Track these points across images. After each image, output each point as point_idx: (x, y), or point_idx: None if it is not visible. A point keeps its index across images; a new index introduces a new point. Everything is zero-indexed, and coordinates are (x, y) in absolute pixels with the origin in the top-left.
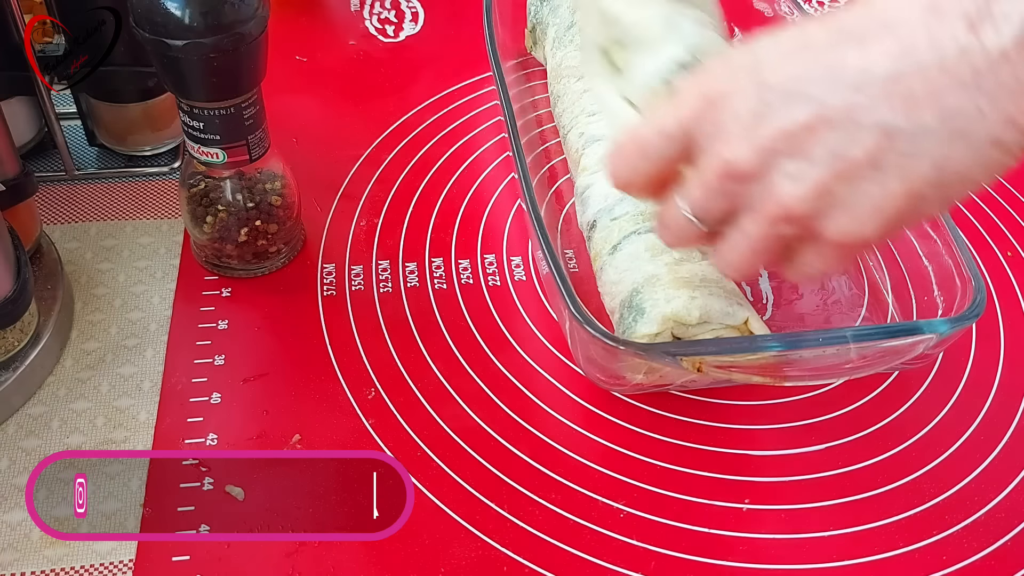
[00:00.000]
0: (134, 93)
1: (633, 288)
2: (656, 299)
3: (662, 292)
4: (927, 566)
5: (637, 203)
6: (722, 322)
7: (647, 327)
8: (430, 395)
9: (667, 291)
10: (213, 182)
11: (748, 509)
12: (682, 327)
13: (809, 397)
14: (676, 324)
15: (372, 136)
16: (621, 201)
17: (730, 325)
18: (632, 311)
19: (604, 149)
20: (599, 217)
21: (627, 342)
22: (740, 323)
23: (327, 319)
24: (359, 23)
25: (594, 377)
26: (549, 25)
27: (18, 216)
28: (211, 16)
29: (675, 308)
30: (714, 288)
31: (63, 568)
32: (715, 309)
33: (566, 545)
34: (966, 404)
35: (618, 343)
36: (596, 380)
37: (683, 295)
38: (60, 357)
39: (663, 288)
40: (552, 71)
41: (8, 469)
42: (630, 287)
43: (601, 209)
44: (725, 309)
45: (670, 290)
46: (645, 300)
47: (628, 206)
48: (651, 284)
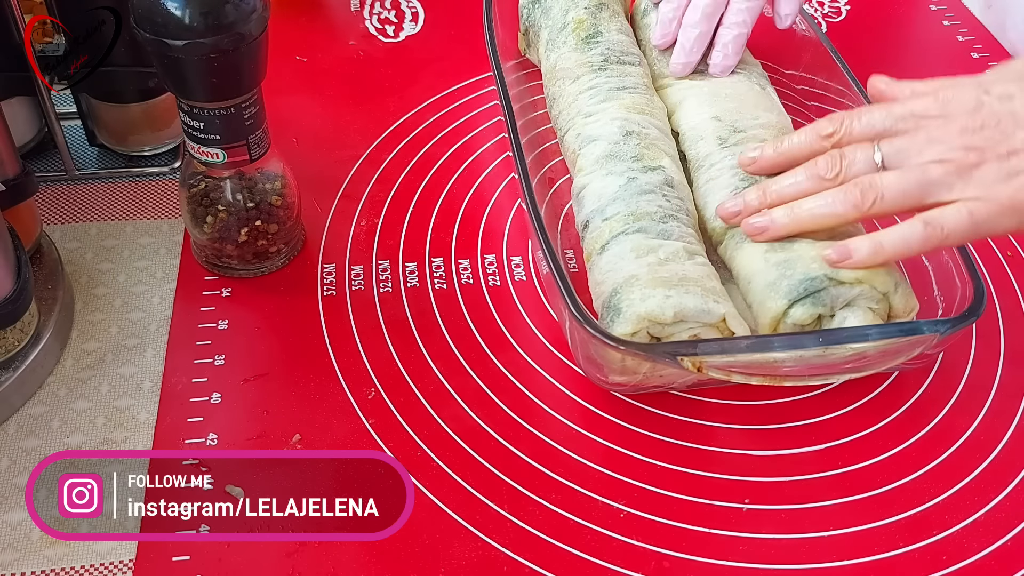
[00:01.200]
0: (134, 93)
1: (613, 288)
2: (632, 298)
3: (638, 291)
4: (927, 566)
5: (628, 203)
6: (698, 320)
7: (623, 327)
8: (430, 395)
9: (643, 290)
10: (213, 182)
11: (748, 509)
12: (658, 326)
13: (809, 397)
14: (651, 323)
15: (372, 136)
16: (614, 201)
17: (707, 323)
18: (610, 311)
19: (600, 149)
20: (592, 217)
21: (627, 342)
22: (718, 320)
23: (327, 319)
24: (359, 23)
25: (594, 377)
26: (542, 27)
27: (18, 216)
28: (211, 16)
29: (649, 307)
30: (691, 287)
31: (63, 568)
32: (690, 307)
33: (566, 545)
34: (966, 404)
35: (618, 343)
36: (596, 380)
37: (658, 294)
38: (60, 357)
39: (640, 287)
40: (547, 73)
41: (8, 469)
42: (611, 287)
43: (594, 209)
44: (701, 307)
45: (646, 289)
46: (622, 300)
47: (620, 206)
48: (629, 284)
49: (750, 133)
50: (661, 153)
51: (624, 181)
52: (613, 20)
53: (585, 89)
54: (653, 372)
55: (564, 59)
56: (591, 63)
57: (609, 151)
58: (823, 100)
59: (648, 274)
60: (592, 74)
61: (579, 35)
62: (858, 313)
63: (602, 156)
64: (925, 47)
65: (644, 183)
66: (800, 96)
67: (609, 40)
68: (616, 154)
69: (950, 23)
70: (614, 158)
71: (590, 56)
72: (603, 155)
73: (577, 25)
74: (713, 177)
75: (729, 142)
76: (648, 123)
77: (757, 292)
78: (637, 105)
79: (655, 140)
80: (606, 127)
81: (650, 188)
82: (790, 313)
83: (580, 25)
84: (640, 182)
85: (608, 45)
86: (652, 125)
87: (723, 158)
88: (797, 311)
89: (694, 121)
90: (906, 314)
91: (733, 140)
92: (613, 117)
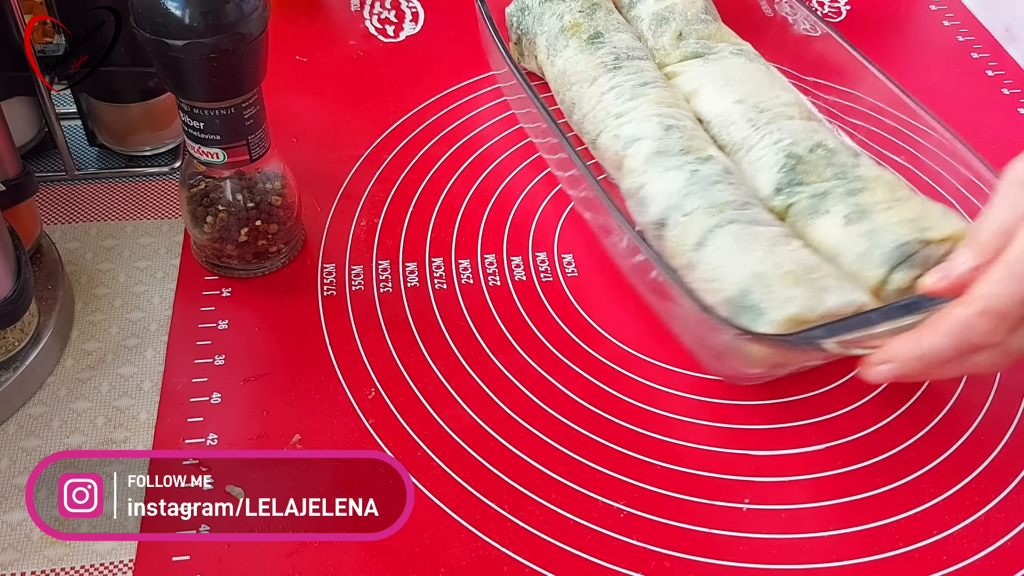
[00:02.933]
0: (134, 93)
1: (740, 289)
2: (773, 299)
3: (781, 292)
4: (927, 566)
5: (704, 196)
6: (842, 313)
7: (769, 329)
8: (430, 395)
9: (784, 291)
10: (213, 182)
11: (748, 509)
12: (802, 324)
13: (809, 397)
14: (797, 323)
15: (372, 136)
16: (687, 196)
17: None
18: (747, 311)
19: (647, 147)
20: (668, 215)
21: (780, 335)
22: (858, 308)
23: (327, 319)
24: (359, 23)
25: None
26: (537, 34)
27: (18, 216)
28: (211, 16)
29: (797, 309)
30: (823, 279)
31: (63, 568)
32: (834, 304)
33: (566, 545)
34: (966, 404)
35: (775, 339)
36: (725, 375)
37: (800, 294)
38: (60, 357)
39: (778, 288)
40: (556, 79)
41: (8, 469)
42: (735, 286)
43: (668, 207)
44: (844, 300)
45: (785, 290)
46: (761, 300)
47: (697, 200)
48: (761, 283)
49: (776, 111)
50: (704, 143)
51: (687, 175)
52: (610, 18)
53: (607, 90)
54: (791, 359)
55: (573, 62)
56: (604, 63)
57: (657, 148)
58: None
59: (773, 270)
60: (609, 74)
61: (580, 37)
62: None
63: (651, 154)
64: (925, 47)
65: (708, 174)
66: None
67: (613, 39)
68: (664, 150)
69: (950, 23)
70: (664, 154)
71: (601, 57)
72: (652, 152)
73: (575, 27)
74: (758, 158)
75: (759, 122)
76: (681, 115)
77: (848, 263)
78: (664, 99)
79: (694, 131)
80: (644, 125)
81: (716, 178)
82: (891, 279)
83: (578, 28)
84: (703, 173)
85: (614, 43)
86: (685, 117)
87: (761, 138)
88: (897, 276)
89: (718, 107)
90: None
91: (763, 120)
92: (648, 114)
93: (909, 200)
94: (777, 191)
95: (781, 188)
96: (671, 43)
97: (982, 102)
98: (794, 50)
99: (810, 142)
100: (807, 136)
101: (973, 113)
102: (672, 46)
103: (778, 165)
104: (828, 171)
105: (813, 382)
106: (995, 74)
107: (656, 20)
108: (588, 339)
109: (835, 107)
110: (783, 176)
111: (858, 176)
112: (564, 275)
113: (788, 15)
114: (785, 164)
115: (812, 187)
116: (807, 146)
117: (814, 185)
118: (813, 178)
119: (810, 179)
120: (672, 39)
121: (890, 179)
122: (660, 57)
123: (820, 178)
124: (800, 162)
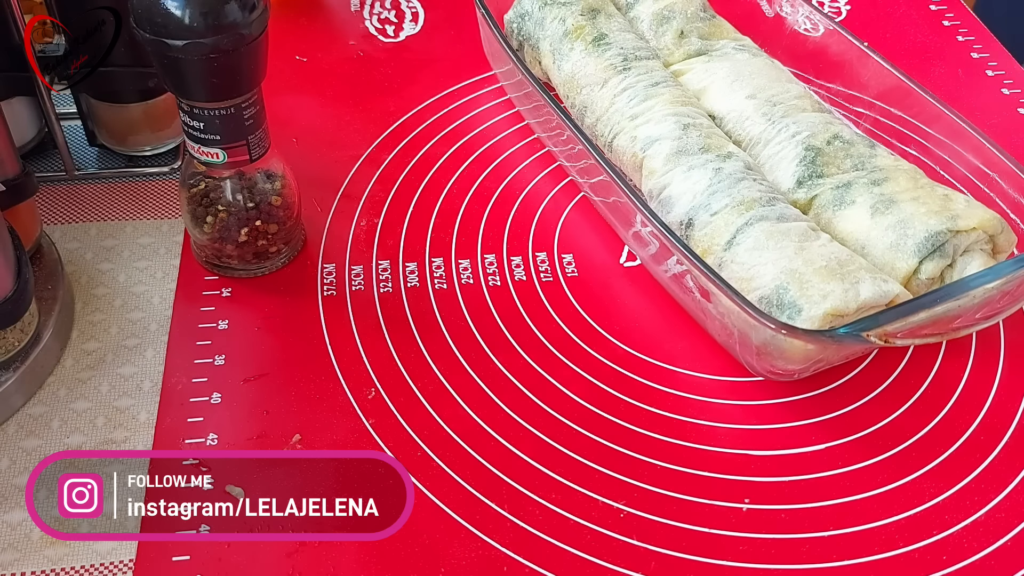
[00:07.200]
0: (134, 93)
1: (776, 285)
2: (811, 296)
3: (817, 288)
4: (927, 566)
5: (730, 194)
6: (877, 305)
7: (808, 325)
8: (430, 395)
9: (820, 286)
10: (213, 182)
11: (748, 509)
12: (840, 318)
13: (809, 397)
14: (835, 318)
15: (372, 136)
16: (714, 195)
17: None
18: (785, 308)
19: (667, 147)
20: (695, 215)
21: (823, 331)
22: (892, 299)
23: (327, 319)
24: (359, 23)
25: (764, 370)
26: (540, 39)
27: (18, 216)
28: (211, 16)
29: (834, 304)
30: (856, 272)
31: (63, 568)
32: (869, 296)
33: (566, 545)
34: (966, 404)
35: (818, 335)
36: (766, 373)
37: (836, 289)
38: (60, 357)
39: (814, 284)
40: (564, 83)
41: (8, 469)
42: (771, 284)
43: (694, 206)
44: (879, 292)
45: (822, 285)
46: (798, 297)
47: (723, 198)
48: (796, 280)
49: (789, 104)
50: (722, 140)
51: (711, 173)
52: (611, 20)
53: (619, 92)
54: (831, 354)
55: (581, 65)
56: (613, 65)
57: (677, 147)
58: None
59: (806, 266)
60: (619, 76)
61: (585, 39)
62: (976, 257)
63: (672, 154)
64: (925, 47)
65: (731, 171)
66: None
67: (618, 39)
68: (684, 149)
69: (950, 23)
70: (684, 154)
71: (609, 59)
72: (672, 152)
73: (578, 30)
74: (776, 152)
75: (774, 116)
76: (696, 113)
77: (879, 255)
78: (678, 98)
79: (710, 128)
80: (660, 125)
81: (740, 175)
82: (921, 269)
83: (581, 30)
84: (727, 171)
85: (620, 44)
86: (700, 115)
87: (777, 132)
88: (928, 266)
89: (730, 104)
90: (1008, 248)
91: (778, 113)
92: (664, 114)
93: (932, 189)
94: (799, 184)
95: (803, 181)
96: (673, 42)
97: (982, 102)
98: (794, 49)
99: (827, 134)
100: (823, 128)
101: (973, 113)
102: (675, 45)
103: (798, 158)
104: (847, 162)
105: (813, 382)
106: (995, 74)
107: (656, 20)
108: (588, 339)
109: (836, 105)
110: (803, 169)
111: (877, 166)
112: (564, 275)
113: (788, 15)
114: (805, 156)
115: (834, 179)
116: (824, 138)
117: (835, 176)
118: (833, 169)
119: (830, 171)
120: (674, 38)
121: (908, 168)
122: (663, 57)
123: (840, 169)
124: (819, 154)
